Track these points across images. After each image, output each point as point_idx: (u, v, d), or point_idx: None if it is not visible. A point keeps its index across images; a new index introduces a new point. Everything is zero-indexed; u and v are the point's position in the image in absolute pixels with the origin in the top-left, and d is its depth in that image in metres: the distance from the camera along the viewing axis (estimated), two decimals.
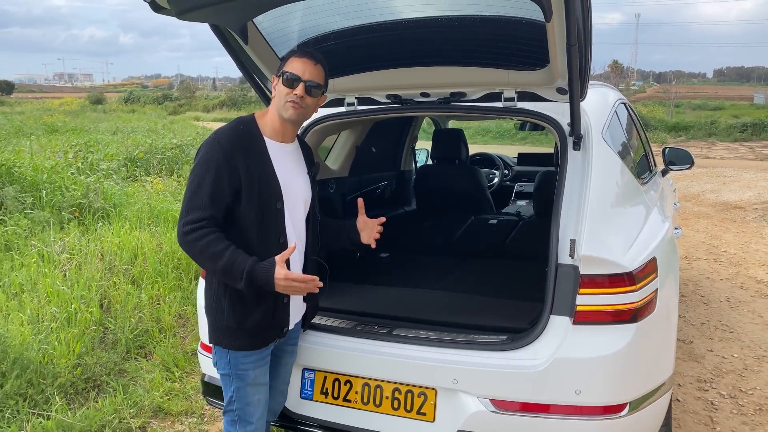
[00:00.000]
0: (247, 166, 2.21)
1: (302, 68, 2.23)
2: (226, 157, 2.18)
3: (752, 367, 4.28)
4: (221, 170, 2.16)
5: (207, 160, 2.18)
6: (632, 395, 2.25)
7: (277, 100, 2.26)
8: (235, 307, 2.23)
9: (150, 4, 2.20)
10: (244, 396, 2.32)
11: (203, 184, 2.15)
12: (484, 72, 2.69)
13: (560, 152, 2.55)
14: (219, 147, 2.19)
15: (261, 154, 2.25)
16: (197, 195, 2.15)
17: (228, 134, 2.23)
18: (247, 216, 2.21)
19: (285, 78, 2.22)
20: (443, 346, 2.38)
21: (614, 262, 2.20)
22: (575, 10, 2.00)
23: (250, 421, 2.34)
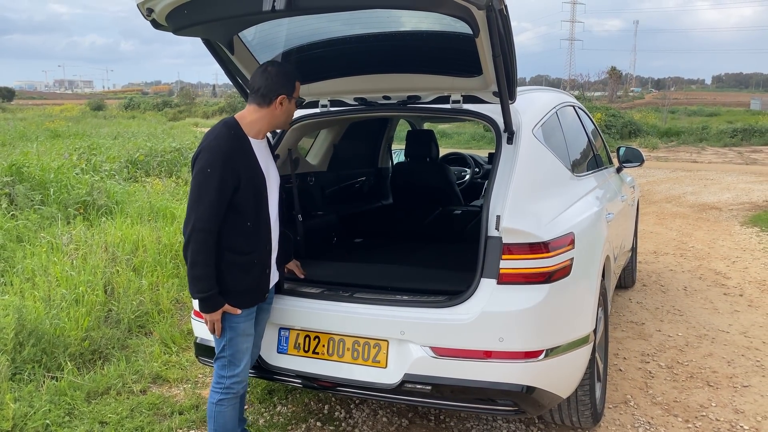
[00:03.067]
0: (243, 166, 2.62)
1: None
2: (228, 162, 2.55)
3: (693, 343, 4.75)
4: (225, 175, 2.54)
5: (212, 166, 2.54)
6: (548, 344, 2.73)
7: (285, 116, 2.77)
8: (231, 273, 2.66)
9: (151, 22, 2.69)
10: (235, 344, 2.76)
11: (212, 189, 2.53)
12: (434, 78, 3.19)
13: (496, 145, 3.05)
14: (221, 154, 2.55)
15: (250, 153, 2.67)
16: (207, 199, 2.52)
17: (226, 141, 2.60)
18: (244, 204, 2.63)
19: (298, 102, 2.82)
20: (394, 305, 2.87)
21: (530, 233, 2.69)
22: (497, 28, 2.50)
23: (239, 365, 2.79)
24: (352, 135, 4.74)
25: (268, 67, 2.72)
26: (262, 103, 2.69)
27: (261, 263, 2.75)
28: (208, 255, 2.56)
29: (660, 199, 11.93)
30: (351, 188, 4.98)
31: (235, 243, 2.65)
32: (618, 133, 25.82)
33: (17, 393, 3.61)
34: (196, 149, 2.63)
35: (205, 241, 2.54)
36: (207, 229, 2.54)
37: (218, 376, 2.82)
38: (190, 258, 2.55)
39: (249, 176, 2.64)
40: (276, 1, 2.36)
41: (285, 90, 2.69)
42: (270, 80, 2.66)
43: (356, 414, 3.62)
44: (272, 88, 2.67)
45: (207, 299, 2.62)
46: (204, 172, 2.54)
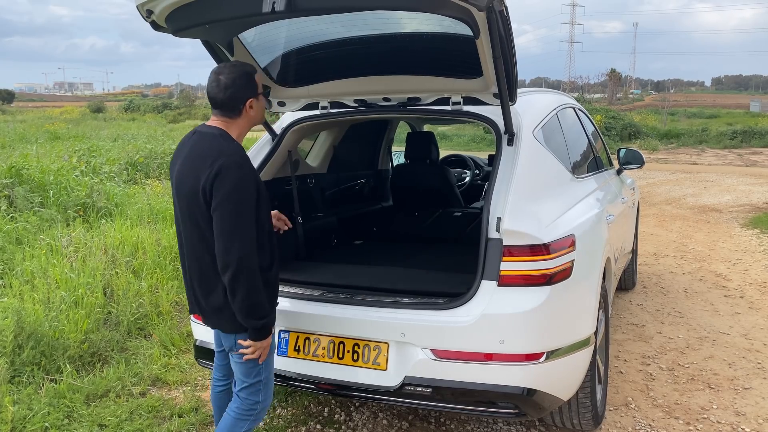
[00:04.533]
0: (257, 178, 2.49)
1: None
2: (252, 176, 2.41)
3: (694, 345, 4.74)
4: (254, 191, 2.39)
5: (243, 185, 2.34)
6: (549, 346, 2.71)
7: (259, 113, 2.57)
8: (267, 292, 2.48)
9: (151, 24, 2.69)
10: (270, 364, 2.63)
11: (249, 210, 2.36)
12: (434, 80, 3.18)
13: (496, 147, 3.04)
14: (245, 170, 2.38)
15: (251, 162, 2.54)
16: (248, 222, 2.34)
17: (243, 156, 2.42)
18: (263, 217, 2.49)
19: (265, 93, 2.67)
20: (394, 307, 2.86)
21: (531, 235, 2.67)
22: (498, 29, 2.49)
23: (271, 386, 2.67)
24: (352, 137, 4.73)
25: (219, 76, 2.46)
26: (232, 115, 2.50)
27: (278, 271, 2.63)
28: (258, 278, 2.38)
29: (660, 201, 11.92)
30: (351, 190, 4.97)
31: (263, 260, 2.48)
32: (618, 135, 25.81)
33: (16, 396, 3.60)
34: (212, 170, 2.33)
35: (255, 267, 2.36)
36: (253, 253, 2.35)
37: (251, 402, 2.61)
38: (247, 285, 2.32)
39: (260, 187, 2.49)
40: (276, 3, 2.35)
41: (249, 93, 2.50)
42: (229, 91, 2.45)
43: (356, 417, 3.61)
44: (235, 98, 2.47)
45: (268, 324, 2.46)
46: (239, 191, 2.33)
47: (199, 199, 2.36)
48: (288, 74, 3.43)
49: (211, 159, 2.35)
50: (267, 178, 3.60)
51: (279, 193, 3.77)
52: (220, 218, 2.32)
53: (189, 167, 2.43)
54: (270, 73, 3.39)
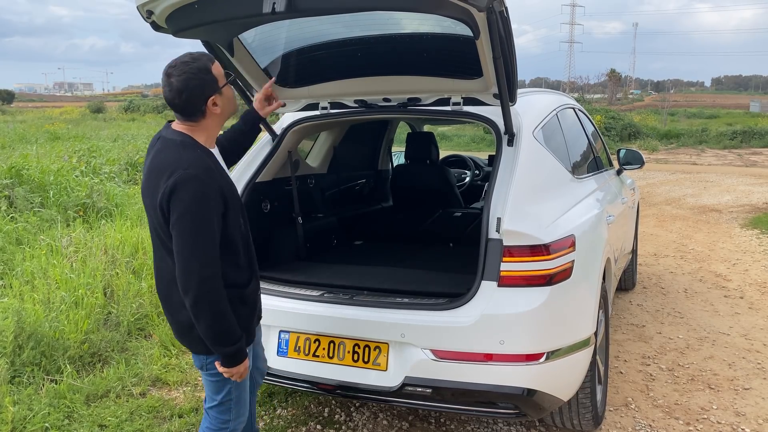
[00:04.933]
0: (224, 186, 2.22)
1: None
2: (213, 189, 2.15)
3: (693, 346, 4.74)
4: (216, 205, 2.14)
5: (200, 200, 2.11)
6: (549, 346, 2.72)
7: (228, 105, 2.28)
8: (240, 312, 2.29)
9: (151, 24, 2.69)
10: (243, 384, 2.42)
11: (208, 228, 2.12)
12: (434, 81, 3.19)
13: (496, 148, 3.04)
14: (204, 183, 2.12)
15: (220, 168, 2.28)
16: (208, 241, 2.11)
17: (202, 167, 2.15)
18: (233, 229, 2.25)
19: (230, 79, 2.28)
20: (394, 307, 2.86)
21: (531, 235, 2.68)
22: (498, 29, 2.50)
23: (245, 405, 2.48)
24: (353, 137, 4.73)
25: (170, 78, 2.16)
26: (196, 119, 2.24)
27: (258, 285, 2.46)
28: (226, 300, 2.16)
29: (660, 202, 11.92)
30: (351, 190, 4.97)
31: (236, 277, 2.28)
32: (618, 136, 25.82)
33: (16, 396, 3.60)
34: (168, 184, 2.10)
35: (221, 287, 2.14)
36: (218, 273, 2.13)
37: (221, 421, 2.44)
38: (210, 312, 2.11)
39: (230, 197, 2.24)
40: (276, 4, 2.35)
41: (208, 91, 2.20)
42: (184, 95, 2.16)
43: (356, 417, 3.61)
44: (193, 101, 2.18)
45: (239, 350, 2.22)
46: (195, 208, 2.09)
47: (158, 215, 2.16)
48: (288, 75, 3.43)
49: (168, 172, 2.11)
50: (267, 178, 3.61)
51: (279, 194, 3.77)
52: (178, 236, 2.10)
53: (148, 181, 2.21)
54: (270, 73, 3.39)
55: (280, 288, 3.19)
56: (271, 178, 3.65)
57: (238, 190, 2.38)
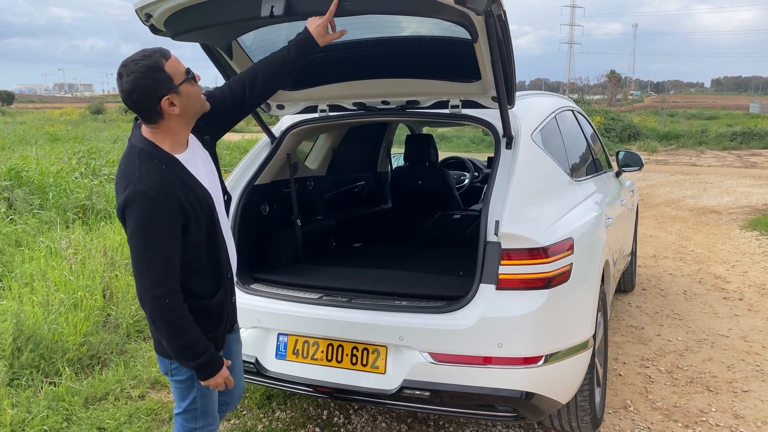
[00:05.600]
0: (186, 198, 2.09)
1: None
2: (169, 202, 2.03)
3: (693, 348, 4.74)
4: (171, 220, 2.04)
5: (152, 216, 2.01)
6: (547, 349, 2.71)
7: (191, 103, 2.13)
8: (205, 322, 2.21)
9: (150, 27, 2.69)
10: (209, 393, 2.34)
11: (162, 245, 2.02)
12: (433, 83, 3.19)
13: (495, 150, 3.04)
14: (157, 198, 2.01)
15: (187, 176, 2.14)
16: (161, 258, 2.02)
17: (155, 181, 2.03)
18: (197, 241, 2.15)
19: (192, 77, 2.13)
20: (392, 310, 2.86)
21: (529, 238, 2.68)
22: (496, 33, 2.50)
23: (212, 413, 2.39)
24: (352, 139, 4.73)
25: (121, 79, 2.03)
26: (154, 120, 2.09)
27: (229, 294, 2.36)
28: (186, 316, 2.08)
29: (659, 203, 11.92)
30: (350, 193, 4.98)
31: (199, 287, 2.20)
32: (617, 137, 25.83)
33: (15, 399, 3.60)
34: (121, 199, 2.02)
35: (178, 303, 2.06)
36: (172, 291, 2.05)
37: (188, 429, 2.37)
38: (166, 328, 2.05)
39: (196, 207, 2.12)
40: (274, 7, 2.35)
41: (161, 90, 2.03)
42: (135, 95, 2.02)
43: (355, 419, 3.61)
44: (145, 102, 2.04)
45: (208, 361, 2.15)
46: (144, 226, 2.00)
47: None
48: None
49: (123, 185, 2.04)
50: (266, 181, 3.61)
51: (278, 196, 3.77)
52: (131, 253, 2.05)
53: (116, 188, 2.12)
54: None
55: (278, 291, 3.19)
56: (269, 181, 3.65)
57: (211, 196, 2.22)
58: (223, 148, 15.80)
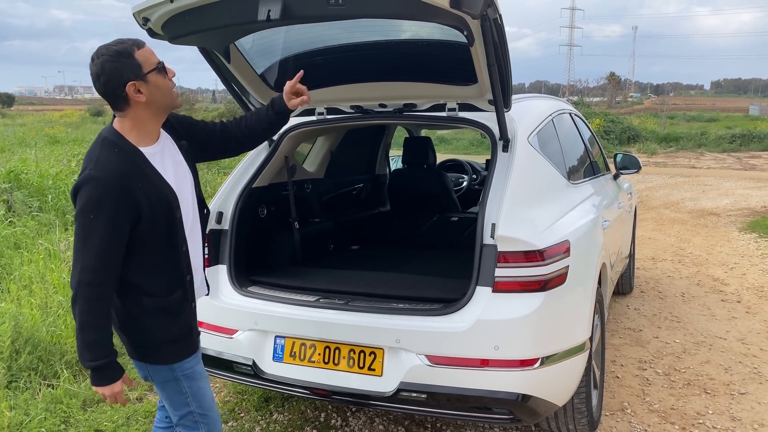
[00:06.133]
0: (143, 192, 2.06)
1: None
2: (119, 194, 2.00)
3: (690, 350, 4.75)
4: (118, 213, 2.00)
5: (97, 203, 1.98)
6: (543, 352, 2.72)
7: (160, 95, 2.11)
8: (158, 320, 2.18)
9: (147, 31, 2.70)
10: (200, 390, 2.29)
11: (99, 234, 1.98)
12: (430, 87, 3.21)
13: (492, 153, 3.06)
14: (107, 186, 1.99)
15: (148, 171, 2.11)
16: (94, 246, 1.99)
17: (113, 166, 2.01)
18: (153, 238, 2.11)
19: (161, 68, 2.12)
20: (389, 313, 2.87)
21: (526, 241, 2.68)
22: (492, 36, 2.51)
23: (212, 413, 2.34)
24: (350, 142, 4.75)
25: (91, 63, 2.06)
26: (121, 107, 2.09)
27: (190, 298, 2.28)
28: (100, 315, 2.03)
29: (658, 205, 11.93)
30: (348, 195, 4.99)
31: (152, 285, 2.15)
32: (617, 139, 25.85)
33: (13, 401, 3.61)
34: (78, 179, 2.03)
35: (97, 298, 2.01)
36: (96, 283, 2.00)
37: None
38: (79, 319, 2.01)
39: (153, 202, 2.08)
40: (271, 11, 2.36)
41: (127, 74, 2.03)
42: (102, 78, 2.03)
43: (353, 422, 3.62)
44: (112, 84, 2.03)
45: (102, 368, 2.06)
46: (87, 211, 1.98)
47: None
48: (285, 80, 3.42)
49: (82, 169, 2.06)
50: (264, 183, 3.61)
51: (276, 199, 3.78)
52: (74, 236, 2.04)
53: None
54: (267, 79, 3.41)
55: (276, 293, 3.20)
56: (267, 183, 3.66)
57: (176, 195, 2.17)
58: None
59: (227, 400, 3.87)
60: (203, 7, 2.51)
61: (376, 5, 2.37)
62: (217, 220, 3.32)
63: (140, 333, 2.21)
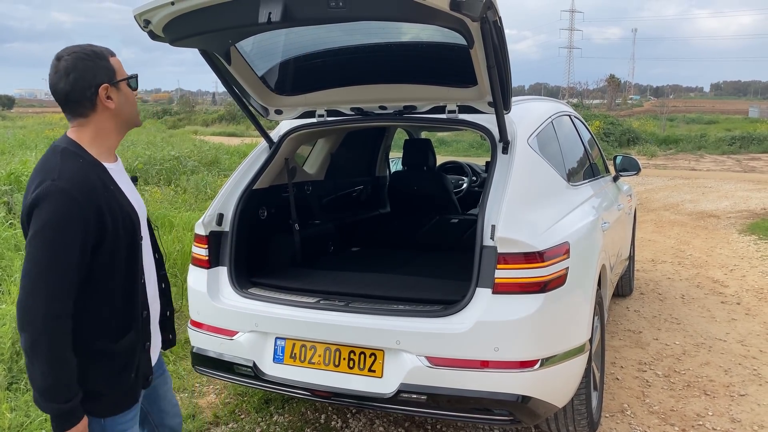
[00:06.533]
0: (109, 210, 1.81)
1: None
2: (86, 209, 1.74)
3: (690, 352, 4.75)
4: (85, 230, 1.74)
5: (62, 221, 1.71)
6: (543, 353, 2.73)
7: (128, 107, 1.94)
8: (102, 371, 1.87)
9: (148, 33, 2.71)
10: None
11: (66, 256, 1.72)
12: (430, 89, 3.22)
13: (491, 155, 3.07)
14: (73, 199, 1.73)
15: (113, 187, 1.88)
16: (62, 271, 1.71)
17: (78, 180, 1.76)
18: (113, 265, 1.84)
19: (134, 82, 1.95)
20: (390, 314, 2.88)
21: (525, 243, 2.69)
22: (492, 39, 2.52)
23: None
24: (350, 144, 4.76)
25: (59, 61, 1.84)
26: (84, 112, 1.86)
27: (142, 338, 1.97)
28: (69, 348, 1.74)
29: (658, 207, 11.94)
30: (348, 197, 5.00)
31: (102, 326, 1.86)
32: (616, 141, 25.88)
33: (14, 402, 3.61)
34: (31, 196, 1.75)
35: (66, 332, 1.72)
36: (65, 314, 1.72)
37: None
38: (49, 356, 1.69)
39: (118, 223, 1.83)
40: (271, 13, 2.37)
41: (102, 75, 1.85)
42: (72, 75, 1.82)
43: (353, 423, 3.62)
44: (82, 82, 1.82)
45: (72, 411, 1.77)
46: (54, 229, 1.70)
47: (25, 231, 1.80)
48: (285, 82, 3.46)
49: (36, 182, 1.76)
50: (264, 185, 3.62)
51: (276, 201, 3.79)
52: (28, 258, 1.72)
53: (26, 190, 1.85)
54: (268, 81, 3.42)
55: (276, 295, 3.21)
56: (268, 185, 3.67)
57: (138, 214, 1.94)
58: (223, 152, 15.83)
59: (227, 402, 3.88)
60: (204, 9, 2.52)
61: (376, 8, 2.38)
62: (217, 222, 3.33)
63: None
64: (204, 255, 3.30)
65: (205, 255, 3.29)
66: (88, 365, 1.82)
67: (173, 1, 2.46)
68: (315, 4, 2.38)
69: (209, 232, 3.30)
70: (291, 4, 2.35)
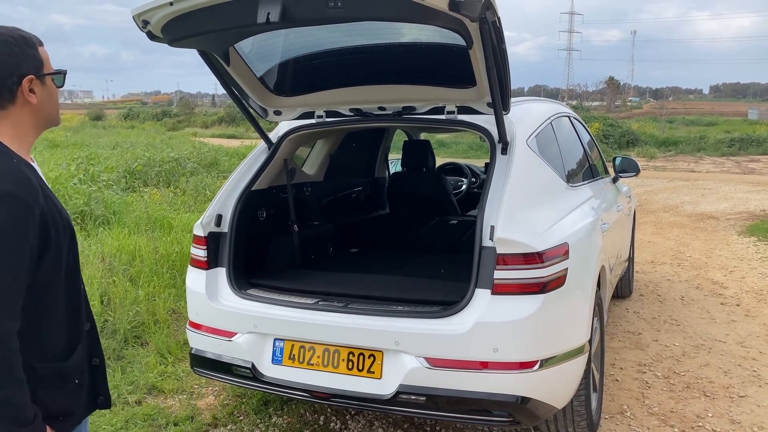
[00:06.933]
0: (50, 215, 1.60)
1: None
2: (31, 216, 1.53)
3: (690, 353, 4.75)
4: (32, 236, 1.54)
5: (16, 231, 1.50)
6: (543, 354, 2.72)
7: (50, 105, 1.73)
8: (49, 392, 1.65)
9: (147, 34, 2.71)
10: None
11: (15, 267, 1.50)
12: (429, 89, 3.22)
13: (490, 156, 3.07)
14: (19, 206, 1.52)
15: (47, 189, 1.67)
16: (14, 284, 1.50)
17: (20, 182, 1.55)
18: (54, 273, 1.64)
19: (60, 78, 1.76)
20: (389, 315, 2.87)
21: (525, 243, 2.69)
22: (491, 39, 2.52)
23: None
24: (349, 145, 4.76)
25: None
26: (2, 103, 1.63)
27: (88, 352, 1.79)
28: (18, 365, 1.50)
29: (658, 209, 11.94)
30: (347, 198, 4.99)
31: (52, 341, 1.66)
32: (616, 143, 25.89)
33: None
34: None
35: (18, 350, 1.50)
36: (13, 331, 1.49)
37: None
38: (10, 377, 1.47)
39: (58, 226, 1.63)
40: (270, 14, 2.37)
41: (28, 64, 1.64)
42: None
43: (352, 425, 3.61)
44: (4, 71, 1.60)
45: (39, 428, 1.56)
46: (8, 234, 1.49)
47: None
48: (284, 83, 3.46)
49: None
50: (263, 186, 3.62)
51: (275, 202, 3.79)
52: None
53: None
54: (266, 82, 3.42)
55: (275, 296, 3.20)
56: (266, 186, 3.67)
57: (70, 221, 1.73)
58: (222, 154, 15.82)
59: (226, 404, 3.87)
60: (203, 9, 2.52)
61: (375, 8, 2.38)
62: (216, 223, 3.32)
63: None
64: (203, 256, 3.30)
65: (203, 256, 3.29)
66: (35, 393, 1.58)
67: (172, 1, 2.46)
68: (314, 5, 2.39)
69: (208, 233, 3.30)
70: (290, 4, 2.35)
